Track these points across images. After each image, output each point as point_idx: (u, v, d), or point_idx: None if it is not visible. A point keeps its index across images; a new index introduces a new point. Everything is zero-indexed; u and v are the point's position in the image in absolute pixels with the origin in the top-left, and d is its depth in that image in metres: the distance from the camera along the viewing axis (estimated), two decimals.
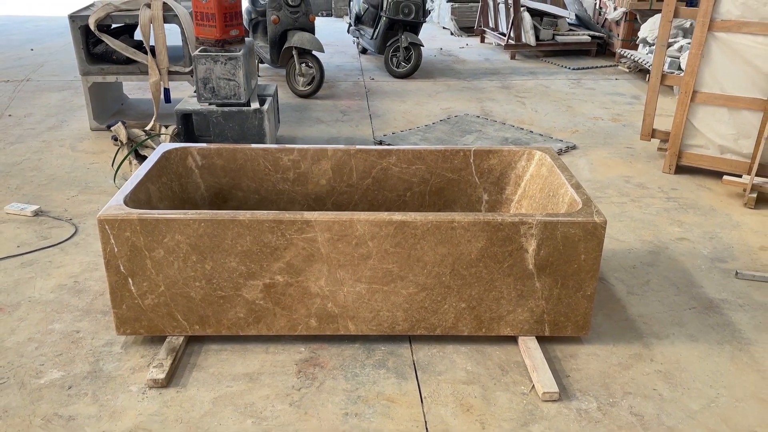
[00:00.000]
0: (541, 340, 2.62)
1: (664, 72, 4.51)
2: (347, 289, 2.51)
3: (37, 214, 3.71)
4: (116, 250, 2.41)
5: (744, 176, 4.03)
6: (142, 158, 4.40)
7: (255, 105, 4.31)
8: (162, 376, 2.37)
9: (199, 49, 4.28)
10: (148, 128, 4.86)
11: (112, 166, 4.36)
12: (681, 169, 4.40)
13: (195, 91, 4.69)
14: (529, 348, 2.55)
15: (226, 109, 4.26)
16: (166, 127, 4.85)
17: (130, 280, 2.46)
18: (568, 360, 2.56)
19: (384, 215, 2.42)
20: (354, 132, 5.18)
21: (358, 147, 3.12)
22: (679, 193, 4.10)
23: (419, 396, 2.35)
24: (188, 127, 4.43)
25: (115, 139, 4.82)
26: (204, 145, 3.10)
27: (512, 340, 2.65)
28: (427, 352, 2.59)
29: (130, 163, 4.32)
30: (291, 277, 2.48)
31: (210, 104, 4.33)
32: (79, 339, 2.63)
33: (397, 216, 2.42)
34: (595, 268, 2.50)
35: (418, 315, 2.56)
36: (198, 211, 2.41)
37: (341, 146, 3.12)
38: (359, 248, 2.45)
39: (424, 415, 2.26)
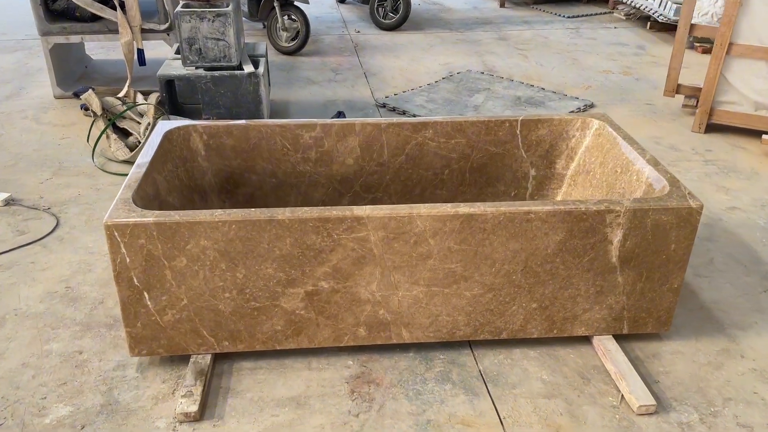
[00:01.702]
0: (617, 338, 2.32)
1: (693, 23, 4.17)
2: (402, 294, 2.15)
3: (7, 203, 3.21)
4: (128, 260, 1.99)
5: None
6: (121, 132, 3.89)
7: (248, 68, 3.82)
8: (194, 408, 1.99)
9: (181, 5, 3.74)
10: (121, 95, 4.33)
11: (88, 141, 3.85)
12: (711, 128, 4.11)
13: (177, 53, 4.16)
14: (609, 350, 2.25)
15: (216, 73, 3.76)
16: (145, 94, 4.33)
17: (145, 294, 2.05)
18: (651, 361, 2.27)
19: (448, 208, 2.05)
20: (351, 94, 4.73)
21: (389, 120, 2.71)
22: (715, 155, 3.82)
23: (497, 416, 2.03)
24: (171, 94, 3.93)
25: (86, 108, 4.28)
26: (210, 122, 2.65)
27: (585, 339, 2.34)
28: (492, 359, 2.26)
29: (108, 137, 3.81)
30: (338, 282, 2.11)
31: (197, 68, 3.82)
32: (83, 362, 2.22)
33: (464, 208, 2.05)
34: (685, 258, 2.19)
35: (482, 318, 2.23)
36: (228, 210, 2.00)
37: (370, 119, 2.71)
38: (418, 247, 2.08)
39: None
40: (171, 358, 2.23)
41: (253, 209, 2.01)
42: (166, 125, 2.59)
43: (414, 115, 4.27)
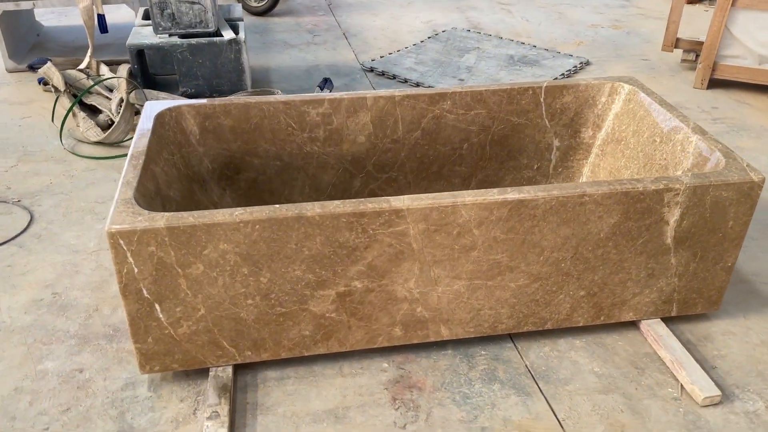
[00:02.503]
0: (665, 321, 2.18)
1: None
2: (442, 289, 1.95)
3: None
4: (136, 270, 1.73)
5: None
6: (89, 109, 3.53)
7: (228, 34, 3.49)
8: (224, 431, 1.77)
9: None
10: (83, 67, 3.94)
11: (53, 121, 3.49)
12: (713, 83, 3.98)
13: (144, 18, 3.78)
14: (660, 335, 2.11)
15: (193, 41, 3.42)
16: (109, 65, 3.94)
17: (157, 306, 1.80)
18: (704, 345, 2.14)
19: (496, 195, 1.83)
20: (334, 57, 4.42)
21: (404, 92, 2.46)
22: (721, 113, 3.69)
23: (555, 418, 1.87)
24: (142, 65, 3.57)
25: (45, 83, 3.90)
26: (204, 101, 2.35)
27: (631, 324, 2.19)
28: (538, 352, 2.10)
29: (75, 116, 3.46)
30: (372, 281, 1.89)
31: (170, 36, 3.47)
32: (86, 382, 1.97)
33: (513, 194, 1.84)
34: (742, 235, 2.04)
35: (526, 309, 2.05)
36: (250, 209, 1.74)
37: (383, 92, 2.46)
38: (461, 239, 1.87)
39: None
40: (186, 372, 1.99)
41: (278, 206, 1.76)
42: (154, 106, 2.29)
43: (405, 80, 4.01)
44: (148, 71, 3.59)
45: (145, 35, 3.50)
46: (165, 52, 3.45)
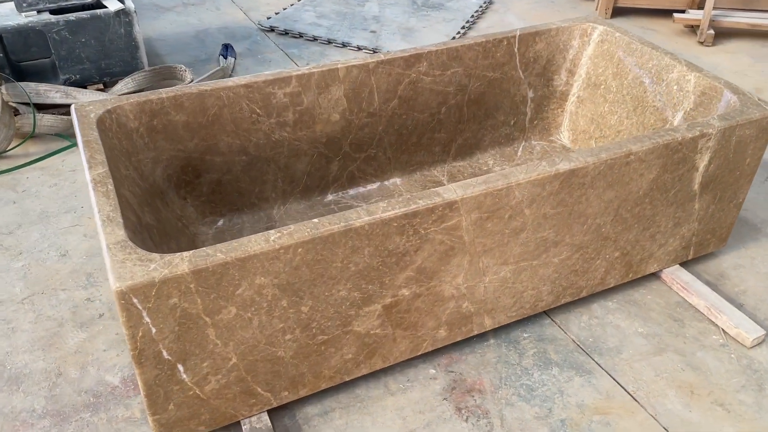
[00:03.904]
0: (682, 265, 2.15)
1: None
2: (489, 278, 1.75)
3: None
4: (154, 331, 1.36)
5: (691, 11, 3.76)
6: None
7: (113, 3, 2.92)
8: None
9: None
10: None
11: None
12: (617, 12, 4.01)
13: None
14: (687, 282, 2.07)
15: (71, 17, 2.82)
16: None
17: (180, 367, 1.44)
18: (723, 283, 2.14)
19: (547, 167, 1.64)
20: (221, 18, 3.92)
21: (377, 58, 2.16)
22: None
23: (627, 393, 1.78)
24: (5, 52, 2.91)
25: None
26: (149, 95, 1.91)
27: (652, 275, 2.14)
28: (578, 323, 1.98)
29: None
30: (420, 285, 1.65)
31: (39, 12, 2.84)
32: None
33: (564, 165, 1.66)
34: (755, 170, 2.03)
35: (566, 282, 1.91)
36: (288, 229, 1.41)
37: (355, 61, 2.14)
38: (512, 222, 1.67)
39: (655, 419, 1.71)
40: None
41: (319, 220, 1.44)
42: (85, 110, 1.81)
43: (314, 38, 3.64)
44: (7, 58, 2.93)
45: (6, 15, 2.82)
46: (32, 34, 2.82)
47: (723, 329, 1.96)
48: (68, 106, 2.84)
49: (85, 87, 2.98)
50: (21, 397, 1.73)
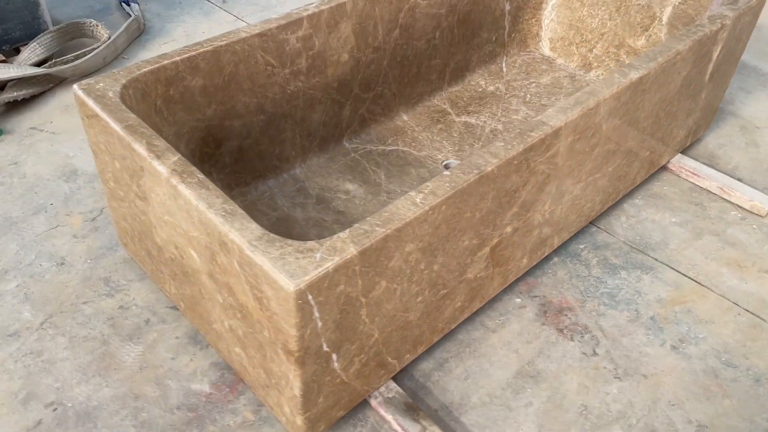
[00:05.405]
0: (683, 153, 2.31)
1: None
2: (566, 198, 1.77)
3: None
4: (320, 325, 1.22)
5: None
6: None
7: None
8: None
9: None
10: None
11: None
12: None
13: None
14: (693, 168, 2.23)
15: None
16: None
17: (334, 356, 1.32)
18: (716, 162, 2.33)
19: (621, 78, 1.65)
20: None
21: None
22: None
23: (691, 280, 1.91)
24: None
25: None
26: (162, 59, 1.61)
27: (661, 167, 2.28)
28: (618, 225, 2.07)
29: None
30: (520, 219, 1.62)
31: None
32: None
33: (634, 74, 1.68)
34: (742, 51, 2.19)
35: (611, 188, 1.98)
36: (428, 187, 1.30)
37: None
38: (592, 139, 1.68)
39: (725, 297, 1.86)
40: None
41: (450, 173, 1.35)
42: (96, 88, 1.50)
43: None
44: None
45: None
46: None
47: (740, 205, 2.15)
48: None
49: None
50: None
